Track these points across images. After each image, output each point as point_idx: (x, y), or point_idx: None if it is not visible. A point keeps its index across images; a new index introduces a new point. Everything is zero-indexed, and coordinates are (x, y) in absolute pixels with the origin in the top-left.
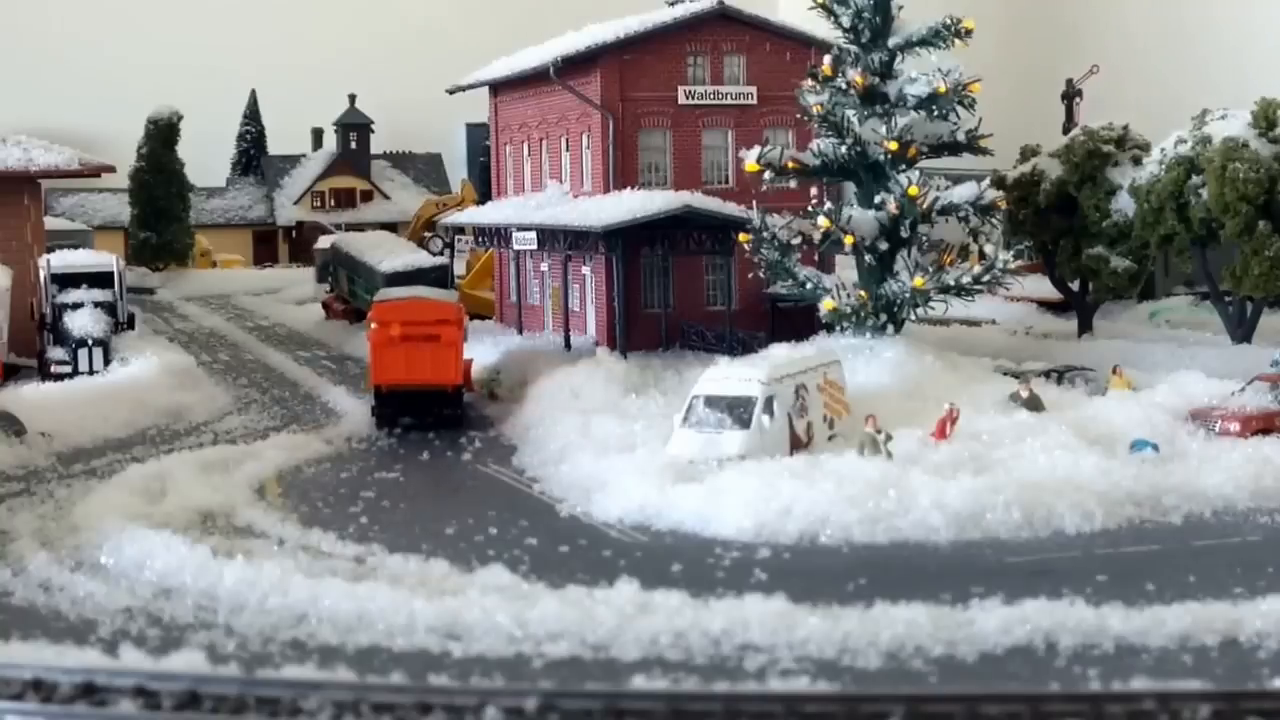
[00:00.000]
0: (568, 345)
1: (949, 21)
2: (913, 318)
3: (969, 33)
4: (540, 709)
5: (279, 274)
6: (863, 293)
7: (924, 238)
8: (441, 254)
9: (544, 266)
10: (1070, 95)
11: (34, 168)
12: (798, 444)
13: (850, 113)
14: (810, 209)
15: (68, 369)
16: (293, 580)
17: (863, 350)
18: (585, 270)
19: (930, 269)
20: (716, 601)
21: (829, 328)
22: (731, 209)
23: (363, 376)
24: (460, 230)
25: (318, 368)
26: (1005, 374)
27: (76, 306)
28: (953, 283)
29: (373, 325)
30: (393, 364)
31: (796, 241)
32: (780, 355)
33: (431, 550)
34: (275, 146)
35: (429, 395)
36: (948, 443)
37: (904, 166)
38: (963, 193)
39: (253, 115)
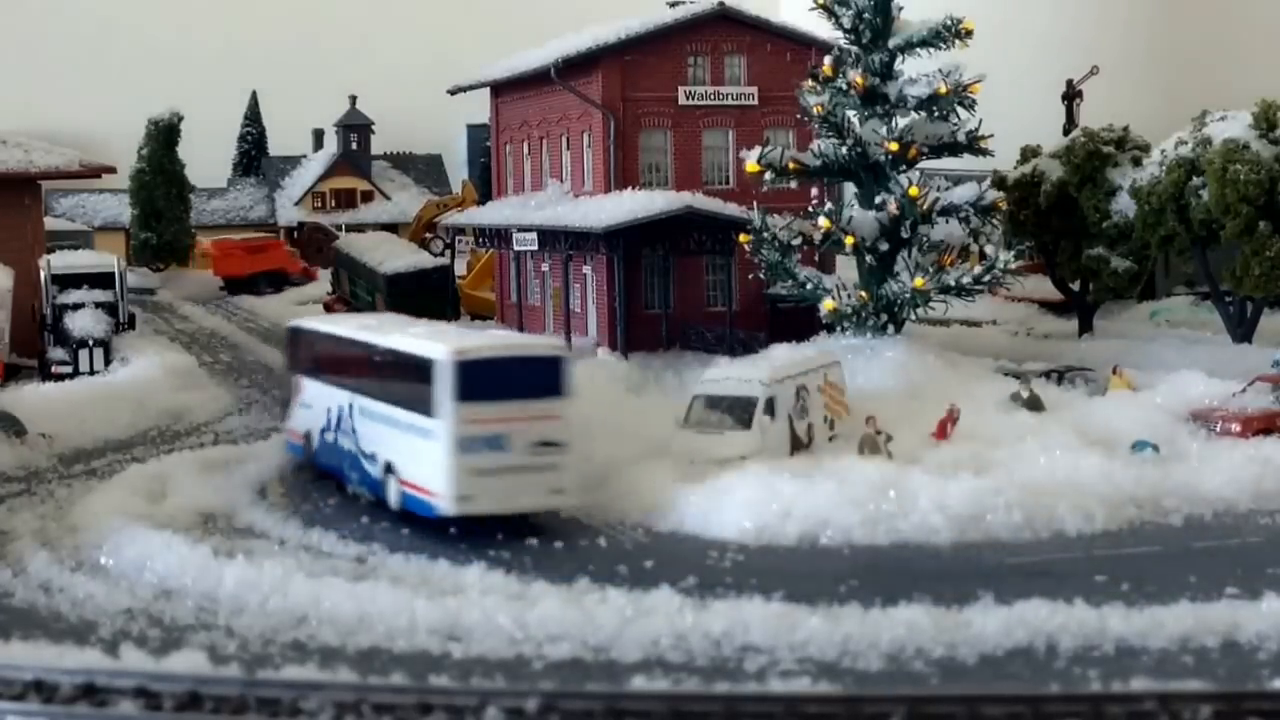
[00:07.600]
0: (569, 345)
1: (949, 22)
2: (913, 318)
3: (969, 33)
4: (541, 710)
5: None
6: (863, 293)
7: (924, 238)
8: (442, 255)
9: (545, 267)
10: (1070, 95)
11: (35, 169)
12: (798, 445)
13: (851, 113)
14: (811, 209)
15: (69, 369)
16: (294, 581)
17: (863, 351)
18: (586, 270)
19: (931, 269)
20: (717, 603)
21: (829, 328)
22: (732, 209)
23: None
24: (461, 231)
25: None
26: (1006, 374)
27: (77, 307)
28: (953, 283)
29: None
30: (230, 267)
31: (797, 242)
32: (781, 356)
33: (432, 550)
34: (276, 147)
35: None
36: (948, 443)
37: (904, 167)
38: (963, 193)
39: (253, 116)
